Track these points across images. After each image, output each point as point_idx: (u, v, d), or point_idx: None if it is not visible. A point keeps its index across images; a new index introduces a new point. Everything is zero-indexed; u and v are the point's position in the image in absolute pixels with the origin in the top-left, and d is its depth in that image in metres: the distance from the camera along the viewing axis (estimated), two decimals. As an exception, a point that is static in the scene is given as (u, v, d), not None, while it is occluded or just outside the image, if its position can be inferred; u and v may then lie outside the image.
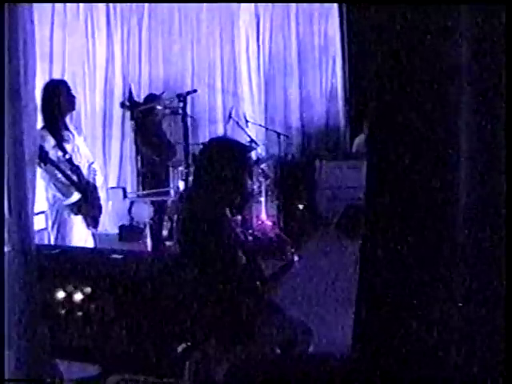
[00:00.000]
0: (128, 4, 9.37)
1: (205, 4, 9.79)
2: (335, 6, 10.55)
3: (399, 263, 2.80)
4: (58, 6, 8.78)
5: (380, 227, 2.84)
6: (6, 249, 2.82)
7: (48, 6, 8.58)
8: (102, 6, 9.21)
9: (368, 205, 2.93)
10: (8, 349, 2.89)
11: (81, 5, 9.01)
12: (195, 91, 7.13)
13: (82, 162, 5.42)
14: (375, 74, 2.85)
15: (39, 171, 4.91)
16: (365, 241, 2.93)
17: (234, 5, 10.05)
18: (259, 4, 10.24)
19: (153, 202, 7.57)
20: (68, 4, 8.89)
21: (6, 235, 2.86)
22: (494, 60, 2.67)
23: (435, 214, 2.78)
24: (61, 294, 3.54)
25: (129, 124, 8.90)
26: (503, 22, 2.66)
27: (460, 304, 2.71)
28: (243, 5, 10.12)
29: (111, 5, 9.27)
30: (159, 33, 9.62)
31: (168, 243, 7.45)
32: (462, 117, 2.70)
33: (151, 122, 7.98)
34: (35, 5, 2.89)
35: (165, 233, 7.68)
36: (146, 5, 9.47)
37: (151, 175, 7.95)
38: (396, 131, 2.81)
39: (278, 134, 9.32)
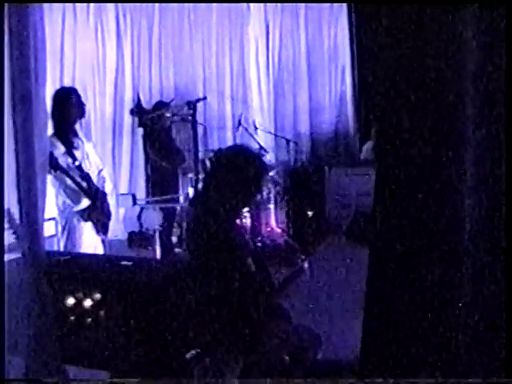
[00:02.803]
0: (138, 11, 9.40)
1: (215, 11, 9.82)
2: (344, 12, 10.58)
3: (407, 270, 2.80)
4: (68, 12, 8.81)
5: (388, 233, 2.84)
6: (16, 255, 2.84)
7: (58, 12, 8.62)
8: (111, 12, 9.24)
9: (376, 212, 2.93)
10: (17, 354, 2.90)
11: (91, 11, 9.05)
12: (205, 98, 7.15)
13: (91, 169, 5.43)
14: (384, 80, 2.85)
15: (49, 178, 4.93)
16: (373, 247, 2.93)
17: (244, 12, 10.08)
18: (268, 11, 10.27)
19: (162, 209, 7.58)
20: (78, 10, 8.92)
21: (14, 241, 2.87)
22: (503, 66, 2.68)
23: (444, 221, 2.78)
24: (71, 301, 3.54)
25: (139, 131, 8.93)
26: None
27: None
28: (253, 12, 10.15)
29: (121, 11, 9.30)
30: (169, 40, 9.64)
31: (177, 250, 7.45)
32: (470, 123, 2.71)
33: (160, 128, 7.99)
34: (45, 11, 2.90)
35: (174, 239, 7.68)
36: (156, 11, 9.49)
37: (161, 182, 7.96)
38: (405, 137, 2.81)
39: (288, 141, 9.33)
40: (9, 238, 3.07)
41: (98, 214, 5.38)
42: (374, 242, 2.94)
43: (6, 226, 3.03)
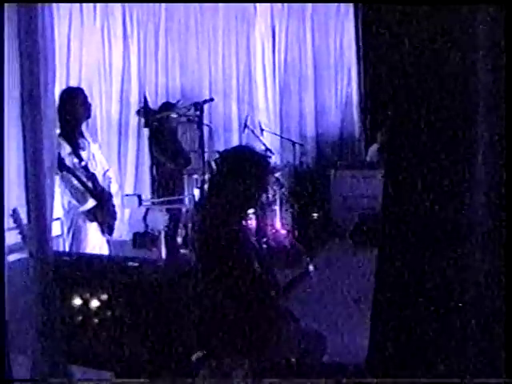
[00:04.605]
0: (144, 12, 9.41)
1: (221, 13, 9.84)
2: (351, 15, 10.58)
3: (416, 272, 2.79)
4: (75, 13, 8.83)
5: (397, 236, 2.84)
6: (22, 255, 2.83)
7: (65, 13, 8.64)
8: (118, 13, 9.26)
9: (385, 214, 2.93)
10: (23, 354, 2.90)
11: (97, 12, 9.07)
12: (212, 100, 7.14)
13: (97, 170, 5.43)
14: (390, 83, 2.86)
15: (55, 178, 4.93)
16: (381, 249, 2.93)
17: (251, 15, 10.09)
18: (275, 13, 10.27)
19: (168, 210, 7.57)
20: (85, 11, 8.94)
21: (20, 241, 2.87)
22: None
23: (451, 223, 2.78)
24: (76, 301, 3.54)
25: (144, 132, 8.94)
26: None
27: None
28: (259, 14, 10.16)
29: (128, 12, 9.32)
30: (175, 41, 9.66)
31: (182, 251, 7.45)
32: (478, 125, 2.71)
33: (166, 129, 7.99)
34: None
35: (179, 240, 7.68)
36: (163, 13, 9.51)
37: (166, 183, 7.96)
38: (412, 140, 2.81)
39: (293, 143, 9.34)
40: (15, 238, 3.07)
41: (104, 215, 5.38)
42: (382, 244, 2.94)
43: (13, 225, 3.03)
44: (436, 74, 2.72)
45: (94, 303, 3.56)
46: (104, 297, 3.58)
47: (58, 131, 5.15)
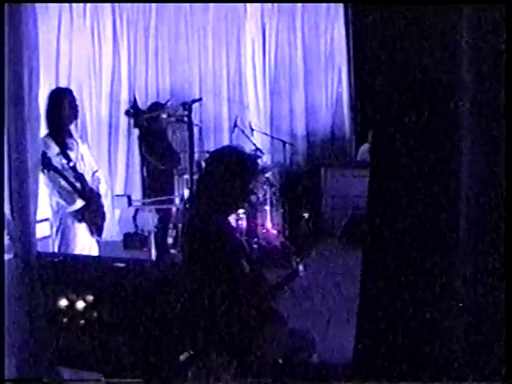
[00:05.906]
0: (134, 12, 9.40)
1: (211, 13, 9.82)
2: (341, 14, 10.57)
3: (401, 272, 2.79)
4: (65, 13, 8.82)
5: (382, 236, 2.84)
6: (8, 256, 2.82)
7: (54, 13, 8.62)
8: (108, 13, 9.25)
9: (370, 214, 2.92)
10: (9, 355, 2.89)
11: (87, 12, 9.05)
12: (201, 99, 7.13)
13: (85, 170, 5.43)
14: (381, 82, 2.85)
15: (43, 178, 4.92)
16: (366, 250, 2.93)
17: (241, 14, 10.08)
18: (265, 13, 10.26)
19: (158, 210, 7.56)
20: (74, 11, 8.93)
21: (8, 242, 2.86)
22: (503, 66, 2.68)
23: (439, 224, 2.77)
24: (63, 302, 3.53)
25: (134, 132, 8.93)
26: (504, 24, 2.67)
27: (460, 304, 2.72)
28: (249, 14, 10.15)
29: (117, 12, 9.31)
30: (165, 41, 9.64)
31: (172, 251, 7.44)
32: (466, 125, 2.71)
33: (155, 130, 7.98)
34: (41, 13, 2.89)
35: (169, 241, 7.67)
36: (153, 13, 9.50)
37: (156, 183, 7.95)
38: (400, 140, 2.81)
39: (284, 143, 9.32)
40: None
41: (92, 215, 5.36)
42: (367, 244, 2.94)
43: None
44: (426, 73, 2.72)
45: (83, 304, 3.55)
46: (92, 298, 3.57)
47: (46, 131, 5.16)
